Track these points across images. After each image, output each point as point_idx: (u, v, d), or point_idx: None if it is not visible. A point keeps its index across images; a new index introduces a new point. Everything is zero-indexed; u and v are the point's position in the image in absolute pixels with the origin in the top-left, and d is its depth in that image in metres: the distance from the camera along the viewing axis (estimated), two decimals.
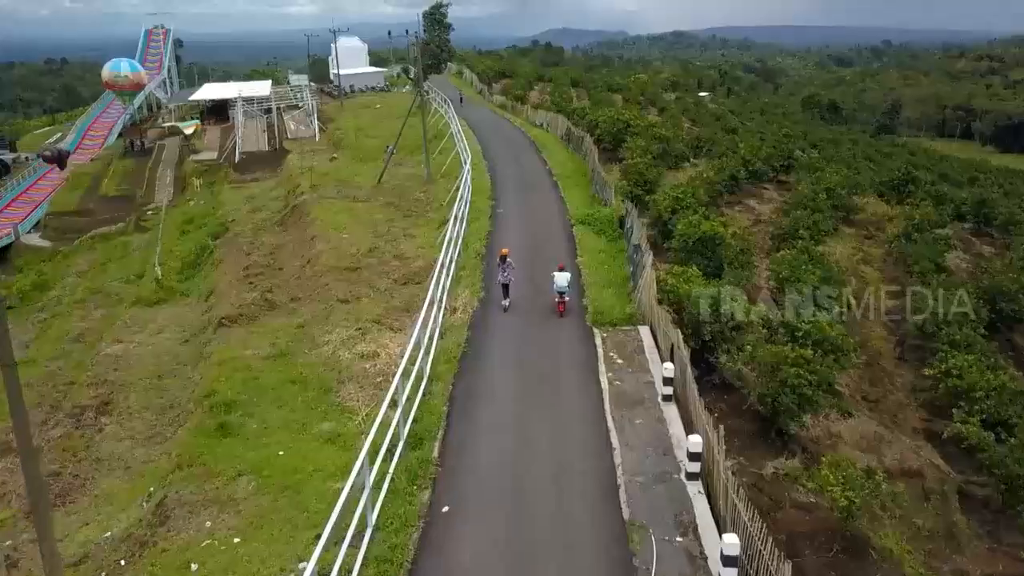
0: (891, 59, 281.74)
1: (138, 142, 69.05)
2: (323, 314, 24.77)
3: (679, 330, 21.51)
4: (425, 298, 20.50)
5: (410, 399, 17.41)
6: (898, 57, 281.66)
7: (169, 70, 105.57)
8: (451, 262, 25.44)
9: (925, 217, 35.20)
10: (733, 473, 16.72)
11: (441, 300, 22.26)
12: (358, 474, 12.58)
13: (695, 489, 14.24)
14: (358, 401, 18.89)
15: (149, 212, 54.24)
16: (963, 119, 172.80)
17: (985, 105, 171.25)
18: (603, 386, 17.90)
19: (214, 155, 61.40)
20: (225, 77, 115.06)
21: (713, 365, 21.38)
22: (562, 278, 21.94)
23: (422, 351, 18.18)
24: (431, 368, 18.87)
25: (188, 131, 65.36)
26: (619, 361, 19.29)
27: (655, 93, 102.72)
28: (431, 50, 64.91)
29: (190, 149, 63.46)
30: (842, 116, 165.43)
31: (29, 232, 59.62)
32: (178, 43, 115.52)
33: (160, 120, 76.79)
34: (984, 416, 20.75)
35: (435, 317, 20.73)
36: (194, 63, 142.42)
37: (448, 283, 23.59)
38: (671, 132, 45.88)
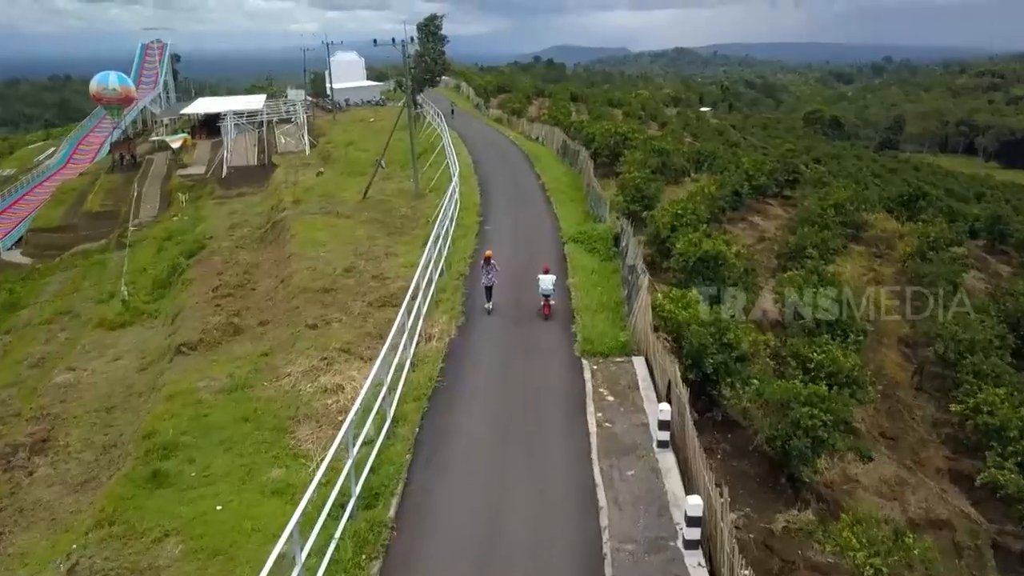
0: (891, 76, 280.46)
1: (128, 157, 67.04)
2: (289, 341, 22.54)
3: (677, 362, 19.35)
4: (394, 326, 18.20)
5: (372, 441, 15.19)
6: (898, 74, 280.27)
7: (166, 84, 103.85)
8: (431, 284, 23.24)
9: (939, 235, 32.95)
10: (738, 527, 14.47)
11: (416, 327, 20.06)
12: (289, 541, 10.31)
13: (695, 560, 11.91)
14: (314, 444, 16.61)
15: (132, 229, 52.20)
16: (966, 135, 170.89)
17: (988, 121, 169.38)
18: (591, 429, 15.59)
19: (202, 170, 59.37)
20: (225, 92, 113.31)
21: (716, 399, 19.15)
22: (547, 280, 21.13)
23: (385, 388, 15.88)
24: (397, 407, 16.58)
25: (175, 145, 63.28)
26: (610, 398, 17.01)
27: (656, 108, 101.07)
28: (425, 63, 62.72)
29: (178, 164, 61.44)
30: (844, 132, 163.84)
31: (11, 248, 57.70)
32: (175, 58, 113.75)
33: (153, 134, 74.90)
34: (1020, 459, 18.48)
35: (405, 346, 18.49)
36: (192, 78, 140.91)
37: (425, 308, 21.32)
38: (671, 145, 43.74)
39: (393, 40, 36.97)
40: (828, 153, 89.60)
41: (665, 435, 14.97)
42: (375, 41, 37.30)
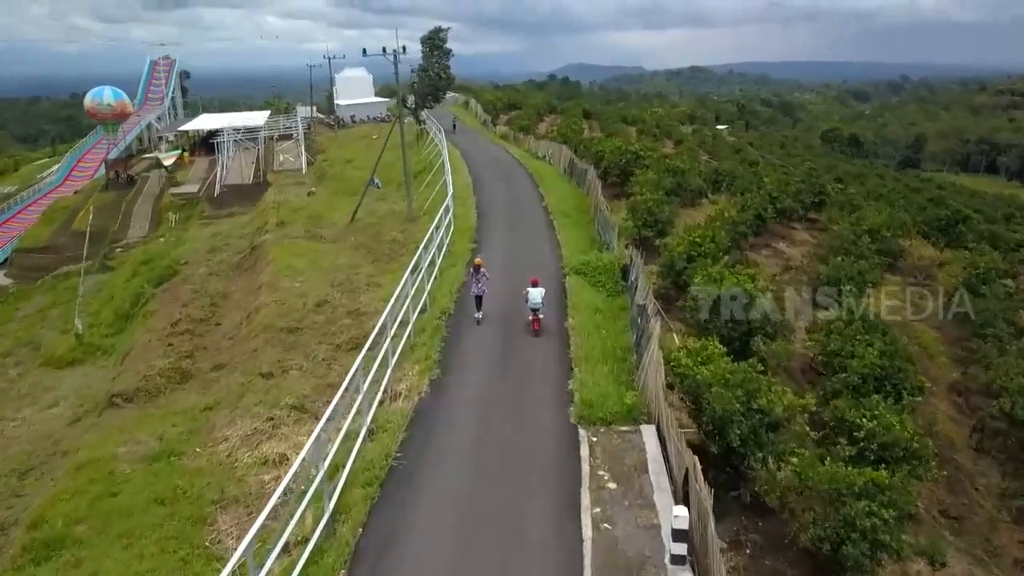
0: (909, 94, 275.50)
1: (123, 174, 64.15)
2: (238, 392, 18.99)
3: (696, 428, 15.73)
4: (345, 382, 14.55)
5: (306, 540, 11.61)
6: (916, 92, 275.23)
7: (173, 101, 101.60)
8: (408, 324, 19.67)
9: (991, 265, 29.03)
10: None
11: (379, 381, 16.49)
12: None
13: None
14: (237, 539, 12.97)
15: (118, 250, 49.15)
16: (987, 153, 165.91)
17: (1009, 139, 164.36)
18: (585, 534, 11.84)
19: (196, 188, 56.31)
20: (244, 108, 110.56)
21: (743, 474, 15.41)
22: (536, 294, 19.56)
23: (322, 470, 12.23)
24: (342, 492, 12.96)
25: (167, 162, 60.27)
26: (611, 485, 13.26)
27: (671, 125, 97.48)
28: (429, 77, 59.50)
29: (171, 182, 58.43)
30: (863, 150, 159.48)
31: None
32: (185, 75, 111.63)
33: (155, 151, 72.13)
34: None
35: (363, 408, 14.90)
36: (212, 96, 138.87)
37: (395, 357, 17.68)
38: (686, 164, 40.06)
39: (384, 50, 33.64)
40: (850, 172, 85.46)
41: (681, 548, 11.21)
42: (364, 51, 34.03)
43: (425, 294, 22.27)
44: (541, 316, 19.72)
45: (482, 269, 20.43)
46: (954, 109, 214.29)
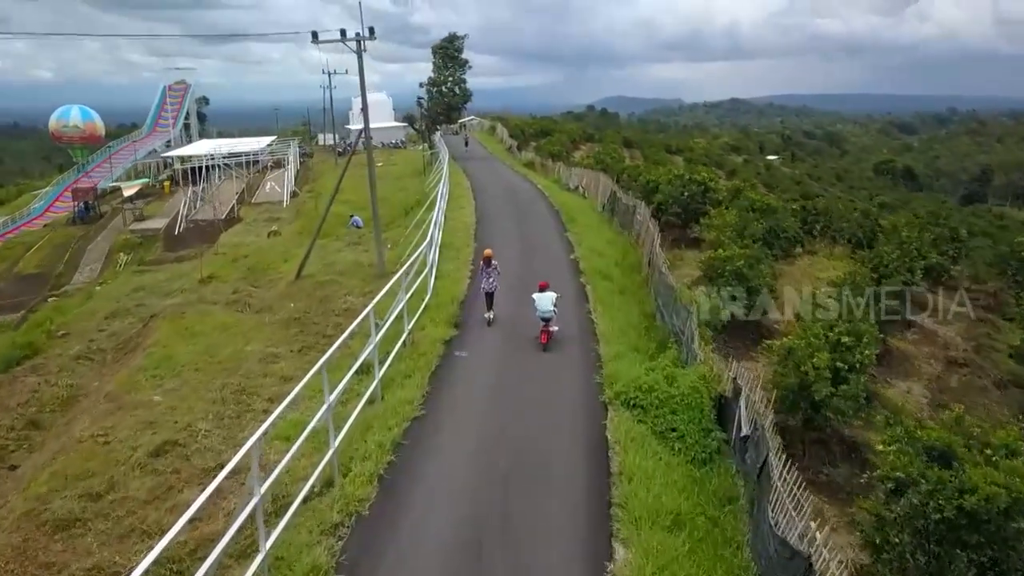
0: (958, 126, 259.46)
1: (95, 206, 54.08)
2: None
3: None
4: None
5: None
6: (965, 124, 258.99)
7: (188, 127, 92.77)
8: (267, 542, 8.18)
9: None
10: None
11: None
12: None
13: None
14: None
15: (51, 298, 38.74)
16: None
17: None
18: None
19: (162, 223, 45.91)
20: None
21: None
22: (546, 299, 15.18)
23: None
24: None
25: (129, 192, 50.07)
26: None
27: (720, 156, 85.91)
28: (441, 92, 48.87)
29: (138, 215, 48.13)
30: (918, 183, 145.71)
31: None
32: (203, 101, 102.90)
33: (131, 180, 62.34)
34: None
35: None
36: (239, 125, 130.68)
37: None
38: (776, 201, 28.18)
39: (343, 33, 22.62)
40: (929, 209, 72.41)
41: None
42: (315, 34, 22.93)
43: (332, 451, 10.74)
44: (554, 329, 15.45)
45: (493, 262, 17.12)
46: (1007, 141, 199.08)
